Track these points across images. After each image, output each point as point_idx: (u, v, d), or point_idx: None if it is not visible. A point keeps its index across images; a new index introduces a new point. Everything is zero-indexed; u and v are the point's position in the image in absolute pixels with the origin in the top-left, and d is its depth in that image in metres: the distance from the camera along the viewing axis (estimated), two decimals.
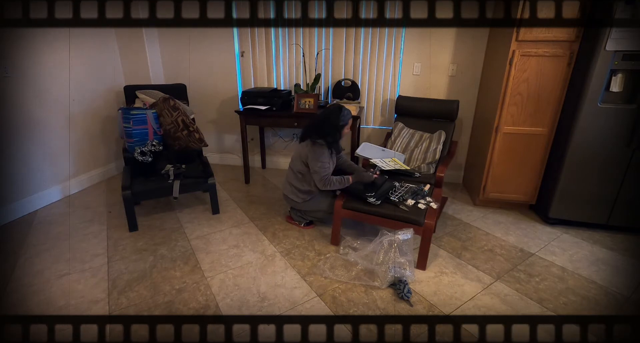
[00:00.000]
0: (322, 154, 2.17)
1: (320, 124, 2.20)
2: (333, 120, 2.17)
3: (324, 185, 2.18)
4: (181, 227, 2.49)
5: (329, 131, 2.17)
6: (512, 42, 2.31)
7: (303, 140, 2.28)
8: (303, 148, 2.25)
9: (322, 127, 2.18)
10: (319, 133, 2.18)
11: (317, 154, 2.16)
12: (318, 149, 2.17)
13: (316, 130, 2.20)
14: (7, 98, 2.45)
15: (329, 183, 2.18)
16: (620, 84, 2.12)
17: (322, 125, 2.19)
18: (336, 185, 2.19)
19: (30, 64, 2.58)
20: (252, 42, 3.29)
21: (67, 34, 2.83)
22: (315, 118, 2.27)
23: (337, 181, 2.19)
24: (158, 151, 2.59)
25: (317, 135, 2.18)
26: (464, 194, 3.12)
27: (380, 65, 3.13)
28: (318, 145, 2.17)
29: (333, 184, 2.18)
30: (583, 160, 2.32)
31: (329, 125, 2.17)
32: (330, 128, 2.17)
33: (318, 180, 2.18)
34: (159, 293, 1.81)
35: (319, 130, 2.18)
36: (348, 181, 2.20)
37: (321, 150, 2.17)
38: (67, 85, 2.90)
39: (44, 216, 2.63)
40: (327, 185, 2.18)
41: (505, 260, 2.14)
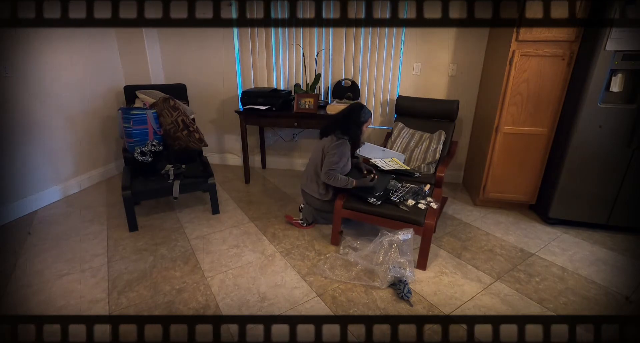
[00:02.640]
0: (344, 150, 2.21)
1: (343, 119, 2.26)
2: (355, 116, 2.24)
3: (327, 177, 2.18)
4: (181, 227, 2.49)
5: (350, 126, 2.23)
6: (512, 42, 2.31)
7: (324, 135, 2.32)
8: (324, 141, 2.29)
9: (345, 123, 2.24)
10: (342, 128, 2.23)
11: (339, 149, 2.19)
12: (342, 144, 2.20)
13: (339, 125, 2.25)
14: (7, 98, 2.45)
15: (334, 177, 2.17)
16: (620, 84, 2.12)
17: (344, 121, 2.25)
18: (339, 183, 2.17)
19: (30, 64, 2.58)
20: (252, 42, 3.29)
21: (67, 34, 2.83)
22: (337, 114, 2.34)
23: (341, 179, 2.17)
24: (158, 151, 2.59)
25: (341, 130, 2.23)
26: (464, 194, 3.12)
27: (380, 65, 3.13)
28: (342, 141, 2.21)
29: (337, 180, 2.17)
30: (583, 160, 2.32)
31: (351, 121, 2.24)
32: (352, 124, 2.23)
33: (325, 172, 2.20)
34: (159, 293, 1.81)
35: (342, 126, 2.24)
36: (352, 184, 2.17)
37: (344, 146, 2.21)
38: (67, 85, 2.90)
39: (44, 216, 2.63)
40: (331, 179, 2.17)
41: (505, 260, 2.14)
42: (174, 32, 3.38)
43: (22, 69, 2.53)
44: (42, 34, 2.64)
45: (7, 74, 2.42)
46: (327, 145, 2.25)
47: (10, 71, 2.44)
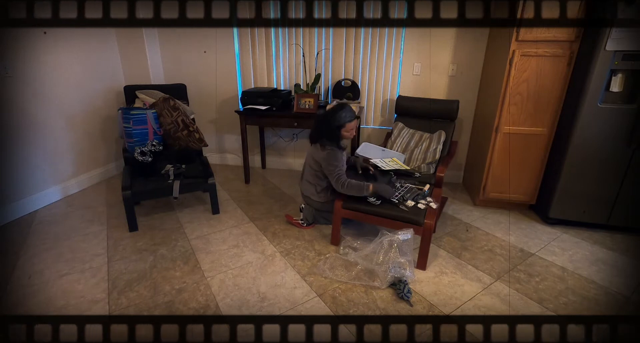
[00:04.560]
0: (334, 156, 2.15)
1: (318, 125, 2.22)
2: (330, 120, 2.16)
3: (341, 186, 2.11)
4: (181, 227, 2.49)
5: (327, 132, 2.17)
6: (512, 42, 2.31)
7: (313, 142, 2.28)
8: (315, 149, 2.25)
9: (321, 129, 2.19)
10: (323, 135, 2.19)
11: (329, 158, 2.15)
12: (329, 152, 2.16)
13: (318, 132, 2.21)
14: (7, 98, 2.45)
15: (346, 185, 2.09)
16: (620, 84, 2.12)
17: (320, 126, 2.20)
18: (353, 190, 2.08)
19: (30, 64, 2.58)
20: (252, 42, 3.29)
21: (67, 34, 2.83)
22: (316, 119, 2.28)
23: (356, 186, 2.08)
24: (158, 151, 2.59)
25: (320, 137, 2.19)
26: (464, 194, 3.12)
27: (380, 65, 3.13)
28: (328, 149, 2.16)
29: (350, 187, 2.08)
30: (583, 160, 2.32)
31: (328, 126, 2.17)
32: (330, 128, 2.16)
33: (334, 182, 2.15)
34: (159, 293, 1.81)
35: (320, 132, 2.20)
36: (368, 190, 2.06)
37: (333, 153, 2.15)
38: (67, 85, 2.90)
39: (44, 216, 2.63)
40: (344, 187, 2.09)
41: (505, 260, 2.14)
42: (174, 32, 3.38)
43: (22, 69, 2.53)
44: (42, 33, 2.64)
45: (7, 74, 2.42)
46: (315, 154, 2.22)
47: (10, 71, 2.44)
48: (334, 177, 2.14)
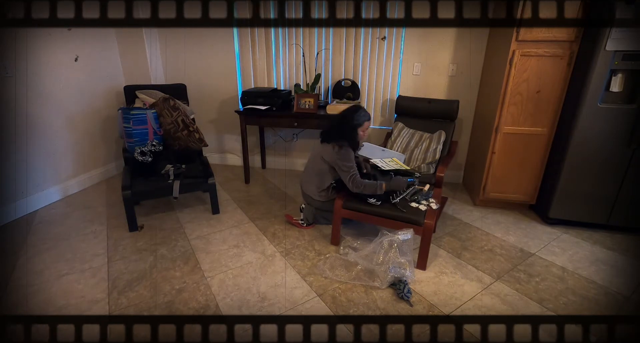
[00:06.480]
0: (349, 157, 2.16)
1: (338, 125, 2.22)
2: (349, 120, 2.19)
3: (355, 186, 2.12)
4: (181, 227, 2.49)
5: (346, 131, 2.19)
6: (512, 42, 2.31)
7: (325, 141, 2.27)
8: (325, 148, 2.24)
9: (341, 128, 2.20)
10: (340, 134, 2.19)
11: (345, 158, 2.15)
12: (344, 151, 2.16)
13: (337, 131, 2.21)
14: (7, 98, 2.45)
15: (360, 185, 2.10)
16: (620, 84, 2.12)
17: (339, 125, 2.21)
18: (367, 190, 2.10)
19: (30, 64, 2.58)
20: (252, 42, 3.29)
21: (67, 34, 2.83)
22: (334, 119, 2.29)
23: (369, 185, 2.10)
24: (158, 151, 2.59)
25: (339, 137, 2.19)
26: (464, 194, 3.12)
27: (380, 65, 3.13)
28: (344, 148, 2.16)
29: (364, 187, 2.10)
30: (583, 160, 2.32)
31: (346, 125, 2.19)
32: (347, 128, 2.18)
33: (347, 181, 2.15)
34: (159, 293, 1.81)
35: (339, 132, 2.20)
36: (381, 189, 2.08)
37: (347, 152, 2.16)
38: (67, 85, 2.90)
39: (44, 216, 2.63)
40: (358, 187, 2.11)
41: (505, 260, 2.14)
42: (174, 32, 3.38)
43: (22, 69, 2.53)
44: (42, 33, 2.64)
45: (7, 73, 2.42)
46: (325, 153, 2.22)
47: (10, 71, 2.44)
48: (348, 176, 2.14)
